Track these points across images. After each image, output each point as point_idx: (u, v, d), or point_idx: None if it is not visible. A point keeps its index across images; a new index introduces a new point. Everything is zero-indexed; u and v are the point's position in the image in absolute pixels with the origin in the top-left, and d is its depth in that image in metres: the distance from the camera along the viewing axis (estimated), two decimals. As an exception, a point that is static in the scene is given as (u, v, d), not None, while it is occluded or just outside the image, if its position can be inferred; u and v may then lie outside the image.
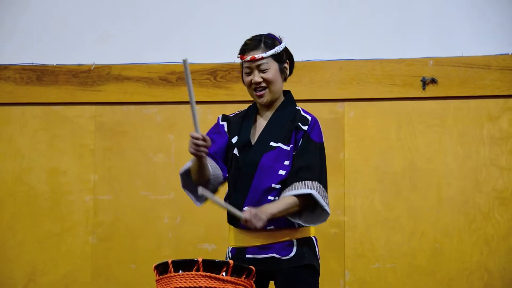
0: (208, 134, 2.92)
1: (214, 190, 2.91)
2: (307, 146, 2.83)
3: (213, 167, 2.87)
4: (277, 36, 2.93)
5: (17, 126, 4.67)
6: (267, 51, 2.86)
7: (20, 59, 4.68)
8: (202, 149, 2.70)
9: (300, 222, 2.83)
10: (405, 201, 4.39)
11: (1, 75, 4.69)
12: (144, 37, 4.67)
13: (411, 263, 4.36)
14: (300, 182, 2.78)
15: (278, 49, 2.87)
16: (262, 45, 2.86)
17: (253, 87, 2.89)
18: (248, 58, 2.86)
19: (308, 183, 2.78)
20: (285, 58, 2.91)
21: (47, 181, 4.62)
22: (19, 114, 4.67)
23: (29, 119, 4.67)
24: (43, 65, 4.68)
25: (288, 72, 2.95)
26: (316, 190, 2.79)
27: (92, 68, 4.64)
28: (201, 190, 2.66)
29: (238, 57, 2.91)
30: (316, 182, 2.80)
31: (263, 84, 2.87)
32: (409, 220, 4.38)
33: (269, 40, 2.88)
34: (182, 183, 2.93)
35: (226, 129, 2.96)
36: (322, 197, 2.80)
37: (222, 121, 2.99)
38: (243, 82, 2.93)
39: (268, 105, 2.93)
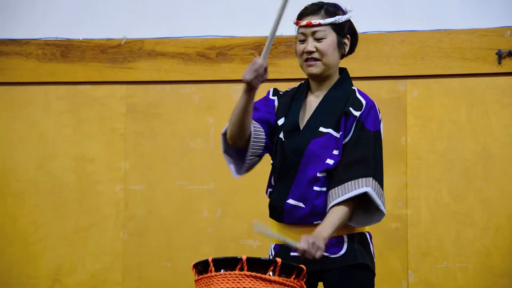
0: (257, 104, 2.93)
1: (253, 163, 2.92)
2: (360, 137, 2.82)
3: (255, 127, 2.87)
4: (342, 7, 2.94)
5: (40, 108, 4.71)
6: (327, 18, 2.86)
7: (42, 33, 4.72)
8: (260, 78, 2.72)
9: (351, 224, 2.83)
10: (477, 192, 4.39)
11: (21, 51, 4.72)
12: (181, 8, 4.71)
13: (484, 262, 4.37)
14: (352, 182, 2.77)
15: (339, 18, 2.87)
16: (323, 11, 2.87)
17: (304, 57, 2.88)
18: (304, 23, 2.87)
19: (362, 180, 2.77)
20: (346, 32, 2.91)
21: (73, 169, 4.67)
22: (42, 95, 4.71)
23: (52, 100, 4.71)
24: (68, 40, 4.72)
25: (347, 48, 2.93)
26: (372, 188, 2.78)
27: (122, 43, 4.68)
28: (257, 227, 2.71)
29: (294, 23, 2.92)
30: (371, 178, 2.78)
31: (316, 55, 2.86)
32: (482, 213, 4.38)
33: (331, 8, 2.89)
34: (224, 147, 2.93)
35: (275, 106, 2.96)
36: (378, 195, 2.79)
37: (272, 95, 2.99)
38: (296, 51, 2.92)
39: (320, 81, 2.92)
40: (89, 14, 4.73)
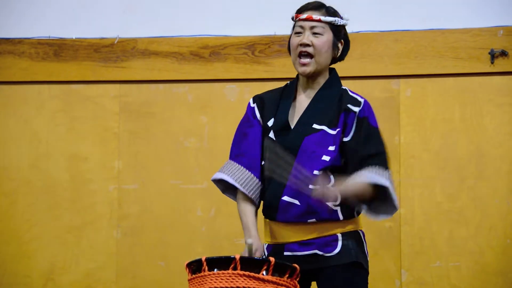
0: (240, 127, 2.96)
1: (258, 197, 2.94)
2: (370, 133, 2.84)
3: (248, 182, 2.89)
4: (341, 14, 2.98)
5: (33, 107, 4.70)
6: (327, 17, 2.89)
7: (35, 32, 4.72)
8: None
9: (363, 211, 2.83)
10: (471, 190, 4.39)
11: (15, 50, 4.72)
12: (174, 7, 4.70)
13: (477, 261, 4.36)
14: (375, 168, 2.78)
15: (338, 20, 2.92)
16: (324, 9, 2.92)
17: (298, 50, 2.88)
18: (304, 16, 2.89)
19: (385, 173, 2.78)
20: (341, 36, 2.95)
21: (66, 168, 4.66)
22: (35, 94, 4.70)
23: (46, 99, 4.70)
24: (61, 39, 4.71)
25: (339, 52, 2.95)
26: (390, 182, 2.81)
27: (115, 42, 4.68)
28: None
29: (292, 18, 2.93)
30: (387, 171, 2.81)
31: (310, 50, 2.87)
32: (475, 212, 4.38)
33: (332, 9, 2.94)
34: (221, 189, 2.99)
35: (257, 112, 2.95)
36: (393, 191, 2.82)
37: (252, 103, 2.98)
38: (289, 45, 2.93)
39: (310, 80, 2.93)
40: (82, 13, 4.73)
